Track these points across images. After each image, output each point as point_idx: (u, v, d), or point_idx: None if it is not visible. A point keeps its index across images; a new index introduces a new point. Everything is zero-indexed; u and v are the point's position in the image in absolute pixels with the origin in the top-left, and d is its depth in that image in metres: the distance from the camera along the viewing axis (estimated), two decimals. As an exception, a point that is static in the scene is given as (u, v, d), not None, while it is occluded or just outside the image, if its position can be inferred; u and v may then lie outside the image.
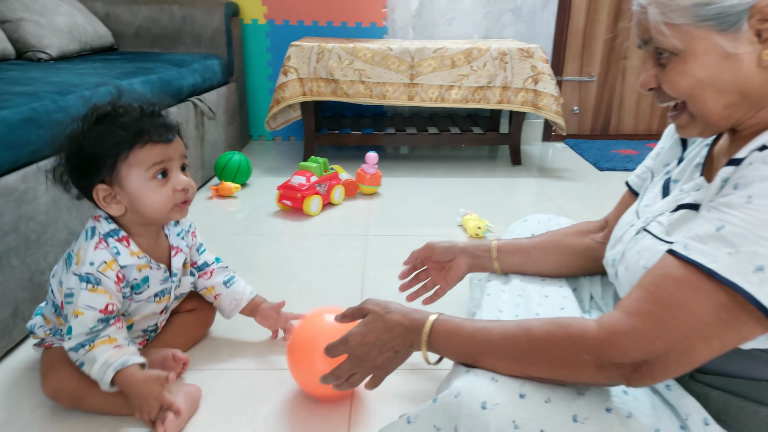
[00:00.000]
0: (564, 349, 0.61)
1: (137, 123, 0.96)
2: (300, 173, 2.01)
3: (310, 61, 2.38)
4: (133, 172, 0.96)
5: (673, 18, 0.61)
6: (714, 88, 0.62)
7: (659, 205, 0.76)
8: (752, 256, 0.53)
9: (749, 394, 0.62)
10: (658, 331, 0.56)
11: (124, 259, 0.99)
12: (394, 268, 1.59)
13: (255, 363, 1.17)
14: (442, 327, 0.72)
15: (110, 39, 2.48)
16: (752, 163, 0.57)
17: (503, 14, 2.93)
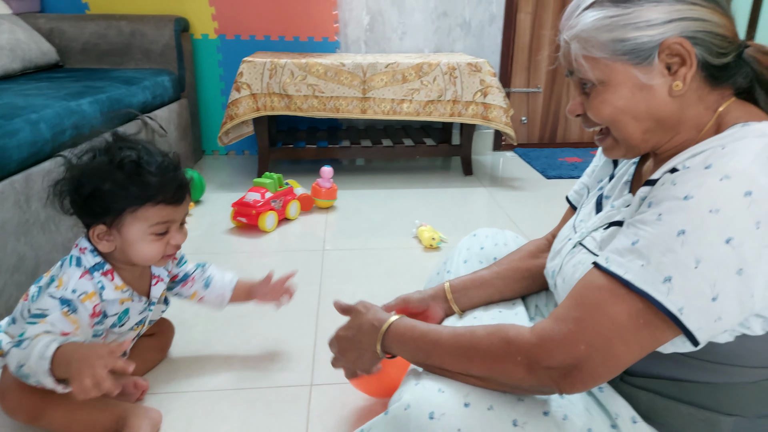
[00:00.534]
0: (500, 349, 0.66)
1: (158, 182, 0.96)
2: (254, 189, 2.02)
3: (262, 77, 2.39)
4: (136, 225, 0.97)
5: (593, 52, 0.67)
6: (632, 116, 0.68)
7: (593, 220, 0.81)
8: (660, 268, 0.58)
9: (673, 394, 0.68)
10: (580, 335, 0.61)
11: (108, 294, 1.00)
12: (351, 283, 1.63)
13: (212, 384, 1.18)
14: (400, 326, 0.78)
15: (55, 56, 2.43)
16: (663, 184, 0.62)
17: (453, 29, 3.01)
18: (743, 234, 0.56)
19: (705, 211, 0.57)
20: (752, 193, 0.56)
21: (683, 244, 0.57)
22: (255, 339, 1.34)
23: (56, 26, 2.51)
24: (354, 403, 1.12)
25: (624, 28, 0.65)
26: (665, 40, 0.63)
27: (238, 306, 1.47)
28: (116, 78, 2.13)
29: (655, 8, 0.63)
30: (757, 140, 0.60)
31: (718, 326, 0.59)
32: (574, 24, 0.69)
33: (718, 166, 0.58)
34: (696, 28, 0.63)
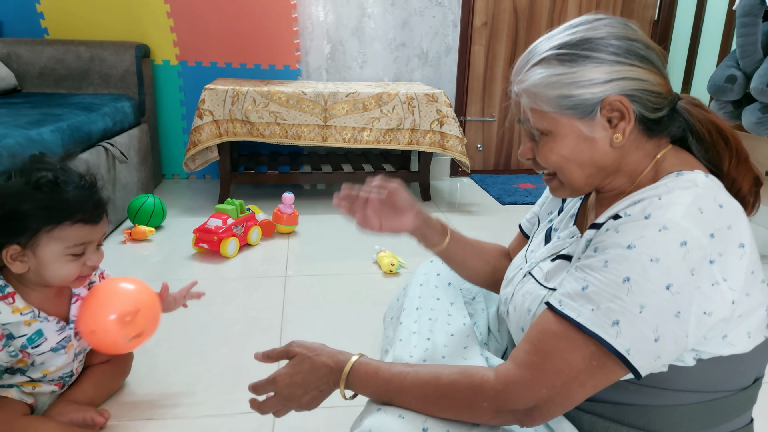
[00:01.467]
0: (466, 397, 0.69)
1: (76, 200, 0.96)
2: (216, 215, 2.04)
3: (225, 104, 2.43)
4: (52, 245, 0.97)
5: (541, 106, 0.73)
6: (576, 163, 0.75)
7: (541, 251, 0.88)
8: (608, 312, 0.64)
9: (612, 416, 0.74)
10: (542, 380, 0.66)
11: (5, 317, 0.98)
12: (313, 310, 1.66)
13: (175, 412, 1.19)
14: (362, 369, 0.77)
15: (13, 80, 2.40)
16: (608, 230, 0.69)
17: (411, 59, 3.12)
18: (680, 280, 0.63)
19: (647, 260, 0.63)
20: (687, 243, 0.63)
21: (629, 291, 0.64)
22: (217, 367, 1.35)
23: (13, 50, 2.49)
24: (317, 428, 1.15)
25: (569, 85, 0.71)
26: (606, 97, 0.70)
27: (200, 334, 1.49)
28: (75, 104, 2.12)
29: (597, 68, 0.70)
30: (688, 191, 0.67)
31: (658, 363, 0.66)
32: (523, 79, 0.75)
33: (656, 217, 0.65)
34: (634, 87, 0.71)
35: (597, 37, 0.71)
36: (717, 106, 2.16)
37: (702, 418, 0.72)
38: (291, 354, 0.83)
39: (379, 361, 0.80)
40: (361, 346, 1.34)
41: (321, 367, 0.80)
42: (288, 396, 0.81)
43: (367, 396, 0.78)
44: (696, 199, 0.66)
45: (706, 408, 0.71)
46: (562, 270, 0.79)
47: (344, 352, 0.82)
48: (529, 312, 0.80)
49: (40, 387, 1.09)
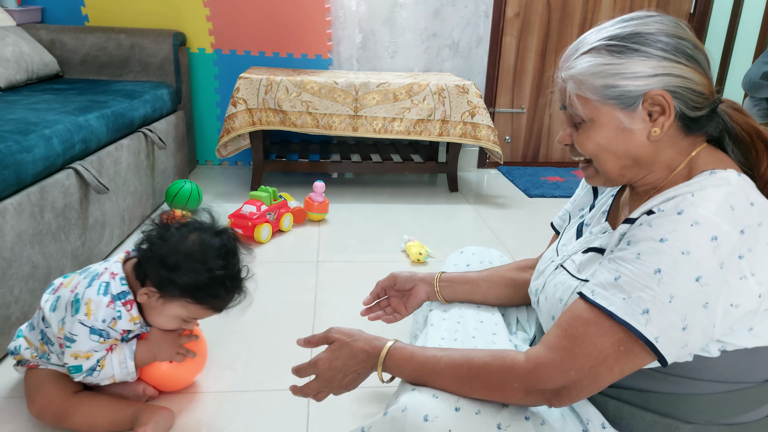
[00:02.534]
0: (498, 378, 0.73)
1: (225, 300, 1.08)
2: (250, 202, 2.10)
3: (258, 93, 2.48)
4: (178, 309, 1.07)
5: (586, 93, 0.76)
6: (612, 153, 0.77)
7: (573, 245, 0.91)
8: (639, 302, 0.68)
9: (638, 402, 0.77)
10: (571, 363, 0.70)
11: (122, 324, 1.08)
12: (345, 293, 1.72)
13: (217, 386, 1.26)
14: (397, 353, 0.82)
15: (56, 67, 2.49)
16: (641, 225, 0.72)
17: (442, 50, 3.14)
18: (710, 273, 0.66)
19: (678, 253, 0.66)
20: (717, 238, 0.66)
21: (659, 282, 0.67)
22: (256, 346, 1.42)
23: (57, 38, 2.58)
24: (349, 406, 1.21)
25: (615, 76, 0.74)
26: (649, 91, 0.73)
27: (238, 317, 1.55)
28: (118, 91, 2.20)
29: (644, 62, 0.73)
30: (721, 189, 0.69)
31: (684, 351, 0.69)
32: (571, 66, 0.78)
33: (688, 213, 0.68)
34: (677, 84, 0.73)
35: (647, 32, 0.73)
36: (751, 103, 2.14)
37: (724, 408, 0.74)
38: (330, 340, 0.89)
39: (414, 346, 0.84)
40: (391, 331, 1.39)
41: (359, 352, 0.85)
42: (329, 379, 0.87)
43: (403, 378, 0.83)
44: (728, 197, 0.68)
45: (728, 398, 0.74)
46: (594, 262, 0.82)
47: (380, 337, 0.87)
48: (561, 301, 0.83)
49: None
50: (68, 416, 1.06)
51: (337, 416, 1.18)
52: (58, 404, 1.07)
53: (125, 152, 1.99)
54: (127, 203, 2.00)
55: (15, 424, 1.11)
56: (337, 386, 0.88)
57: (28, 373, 1.13)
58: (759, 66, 2.03)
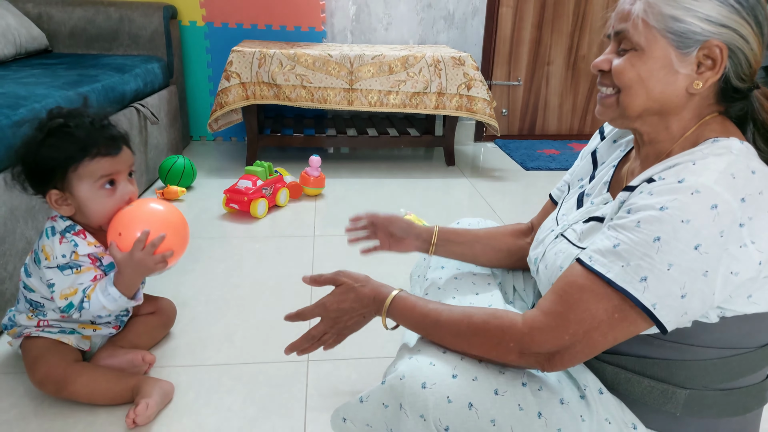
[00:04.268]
0: (495, 336, 0.75)
1: (87, 137, 1.04)
2: (246, 177, 2.08)
3: (251, 66, 2.45)
4: (83, 183, 1.05)
5: (650, 18, 0.73)
6: (647, 89, 0.75)
7: (574, 214, 0.90)
8: (637, 269, 0.67)
9: (635, 368, 0.77)
10: (565, 327, 0.70)
11: (83, 249, 1.08)
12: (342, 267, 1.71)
13: (216, 359, 1.26)
14: (401, 303, 0.85)
15: (44, 41, 2.44)
16: (642, 192, 0.71)
17: (437, 21, 3.09)
18: (709, 242, 0.65)
19: (677, 221, 0.66)
20: (717, 206, 0.65)
21: (658, 250, 0.66)
22: (253, 319, 1.42)
23: (44, 11, 2.52)
24: (349, 376, 1.22)
25: (686, 10, 0.71)
26: (711, 39, 0.71)
27: (236, 289, 1.56)
28: (108, 65, 2.16)
29: (718, 8, 0.70)
30: (722, 158, 0.68)
31: (684, 319, 0.69)
32: None
33: (689, 181, 0.67)
34: (739, 44, 0.71)
35: None
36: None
37: (721, 373, 0.75)
38: (338, 282, 0.92)
39: (418, 297, 0.86)
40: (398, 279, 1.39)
41: (364, 297, 0.89)
42: (335, 319, 0.91)
43: (405, 327, 0.85)
44: (729, 165, 0.67)
45: (725, 363, 0.75)
46: (596, 231, 0.81)
47: (386, 285, 0.89)
48: (561, 269, 0.83)
49: (100, 329, 1.18)
50: (69, 384, 1.07)
51: (336, 386, 1.19)
52: (60, 371, 1.08)
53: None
54: (120, 179, 1.98)
55: (14, 399, 1.11)
56: (342, 326, 0.92)
57: (26, 343, 1.14)
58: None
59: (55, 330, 1.14)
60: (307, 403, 1.14)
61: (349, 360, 1.27)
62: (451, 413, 0.73)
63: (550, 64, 3.26)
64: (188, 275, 1.61)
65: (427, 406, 0.74)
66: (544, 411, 0.74)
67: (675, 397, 0.75)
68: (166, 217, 1.11)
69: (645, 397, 0.77)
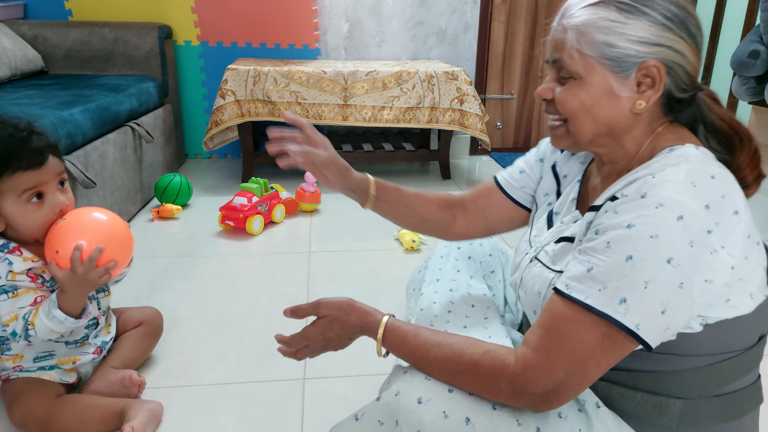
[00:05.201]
0: (486, 376, 0.72)
1: (5, 150, 0.97)
2: (241, 194, 2.09)
3: (246, 84, 2.46)
4: (6, 198, 0.99)
5: (584, 47, 0.74)
6: (592, 116, 0.76)
7: (545, 235, 0.90)
8: (616, 291, 0.66)
9: (626, 383, 0.77)
10: (559, 363, 0.68)
11: (18, 266, 1.02)
12: (338, 284, 1.71)
13: (210, 378, 1.25)
14: (390, 336, 0.83)
15: (40, 62, 2.46)
16: (607, 212, 0.71)
17: (429, 37, 3.12)
18: (681, 253, 0.65)
19: (647, 237, 0.66)
20: (684, 217, 0.65)
21: (632, 268, 0.66)
22: (248, 337, 1.41)
23: (40, 33, 2.54)
24: (344, 394, 1.21)
25: (618, 35, 0.72)
26: (647, 60, 0.71)
27: (230, 307, 1.55)
28: (102, 85, 2.17)
29: (650, 28, 0.71)
30: (680, 167, 0.69)
31: (667, 333, 0.69)
32: (576, 14, 0.75)
33: (651, 195, 0.67)
34: (675, 60, 0.72)
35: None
36: (739, 81, 2.14)
37: (712, 379, 0.75)
38: (320, 314, 0.88)
39: (408, 326, 0.83)
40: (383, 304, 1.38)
41: (351, 326, 0.86)
42: (323, 346, 0.89)
43: (396, 356, 0.83)
44: (688, 174, 0.68)
45: (715, 369, 0.74)
46: (568, 252, 0.81)
47: (372, 311, 0.86)
48: (539, 295, 0.82)
49: (79, 359, 1.14)
50: (54, 421, 1.03)
51: (332, 403, 1.18)
52: (42, 410, 1.04)
53: (112, 146, 1.97)
54: (114, 198, 1.98)
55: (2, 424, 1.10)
56: (330, 350, 0.90)
57: (3, 386, 1.09)
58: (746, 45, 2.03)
59: (34, 368, 1.10)
60: (303, 423, 1.12)
61: (345, 378, 1.26)
62: (448, 429, 0.72)
63: (543, 77, 3.28)
64: (183, 293, 1.60)
65: (422, 422, 0.73)
66: (542, 426, 0.73)
67: (669, 410, 0.75)
68: (104, 227, 1.05)
69: (639, 412, 0.76)
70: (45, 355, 1.11)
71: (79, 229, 1.02)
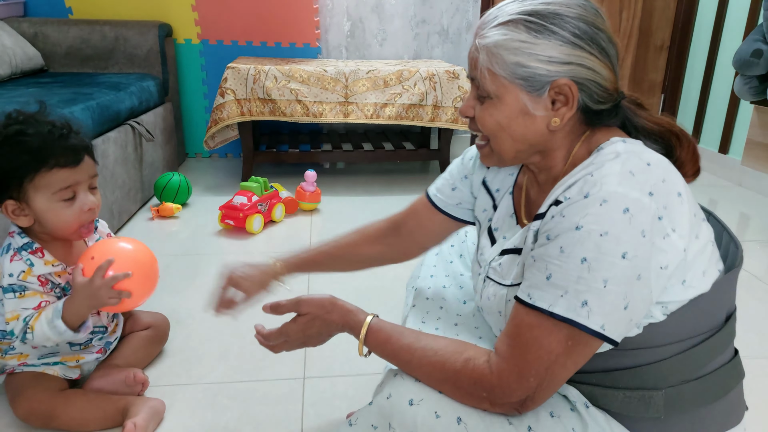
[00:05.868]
0: (467, 386, 0.72)
1: (44, 146, 0.98)
2: (241, 193, 2.08)
3: (246, 82, 2.45)
4: (39, 194, 1.00)
5: (495, 68, 0.74)
6: (509, 134, 0.76)
7: (489, 251, 0.90)
8: (577, 294, 0.67)
9: (606, 383, 0.76)
10: (527, 370, 0.69)
11: (39, 269, 1.03)
12: (337, 283, 1.70)
13: (211, 377, 1.25)
14: (373, 336, 0.82)
15: (40, 60, 2.45)
16: (554, 217, 0.70)
17: (431, 36, 3.11)
18: (634, 245, 0.65)
19: (597, 235, 0.65)
20: (629, 209, 0.65)
21: (589, 269, 0.66)
22: (248, 336, 1.41)
23: (40, 30, 2.54)
24: (345, 392, 1.20)
25: (528, 56, 0.72)
26: (558, 79, 0.72)
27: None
28: (103, 83, 2.17)
29: (559, 47, 0.71)
30: (615, 161, 0.69)
31: (631, 326, 0.69)
32: (487, 35, 0.75)
33: (593, 193, 0.67)
34: (586, 76, 0.72)
35: (568, 16, 0.72)
36: (742, 81, 2.14)
37: (689, 364, 0.74)
38: (301, 312, 0.88)
39: (392, 327, 0.82)
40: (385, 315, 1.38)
41: (332, 324, 0.86)
42: (302, 343, 0.90)
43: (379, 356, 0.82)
44: (624, 164, 0.68)
45: (690, 355, 0.74)
46: (513, 263, 0.81)
47: (354, 309, 0.86)
48: (500, 314, 0.82)
49: (83, 358, 1.15)
50: (56, 416, 1.04)
51: (332, 402, 1.17)
52: (45, 405, 1.04)
53: (112, 145, 1.97)
54: (115, 196, 1.97)
55: (5, 420, 1.09)
56: (309, 346, 0.91)
57: (8, 379, 1.10)
58: (749, 44, 2.03)
59: (39, 363, 1.10)
60: (304, 422, 1.12)
61: (346, 377, 1.26)
62: (440, 429, 0.72)
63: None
64: (183, 293, 1.60)
65: (415, 423, 0.73)
66: (534, 425, 0.73)
67: (654, 401, 0.74)
68: (141, 260, 1.07)
69: (625, 409, 0.75)
70: (49, 353, 1.12)
71: (120, 250, 1.05)
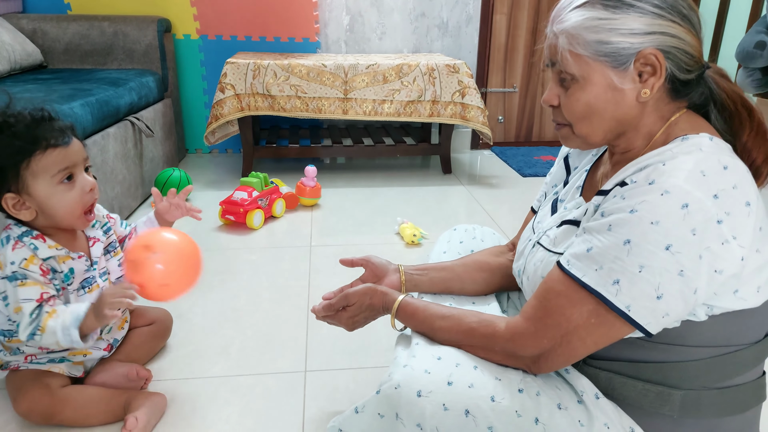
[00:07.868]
0: (482, 341, 0.80)
1: (33, 129, 0.97)
2: (242, 188, 2.08)
3: (246, 78, 2.45)
4: (39, 180, 0.98)
5: (578, 49, 0.74)
6: (599, 114, 0.75)
7: (548, 221, 0.90)
8: (610, 272, 0.68)
9: (628, 372, 0.77)
10: (543, 332, 0.73)
11: (44, 252, 1.01)
12: (338, 277, 1.70)
13: (213, 371, 1.25)
14: (403, 310, 0.92)
15: (39, 57, 2.45)
16: (615, 196, 0.71)
17: (431, 30, 3.10)
18: (681, 241, 0.65)
19: (647, 223, 0.66)
20: (688, 206, 0.65)
21: (629, 252, 0.67)
22: (249, 330, 1.41)
23: (39, 27, 2.53)
24: (346, 386, 1.20)
25: (609, 32, 0.72)
26: (643, 50, 0.71)
27: (232, 300, 1.54)
28: (102, 79, 2.16)
29: (640, 19, 0.71)
30: (691, 156, 0.68)
31: (667, 320, 0.69)
32: (565, 19, 0.75)
33: (659, 182, 0.67)
34: (671, 44, 0.72)
35: None
36: (745, 73, 2.13)
37: (715, 372, 0.74)
38: (351, 302, 0.98)
39: (419, 302, 0.91)
40: (388, 311, 1.38)
41: (374, 308, 0.97)
42: (351, 326, 1.01)
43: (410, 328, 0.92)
44: (698, 163, 0.68)
45: (719, 362, 0.74)
46: (570, 234, 0.81)
47: (388, 291, 0.96)
48: (542, 278, 0.82)
49: (91, 353, 1.14)
50: (58, 412, 1.04)
51: (333, 395, 1.17)
52: (46, 402, 1.04)
53: (112, 141, 1.96)
54: (115, 192, 1.97)
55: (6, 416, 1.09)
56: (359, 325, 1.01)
57: (9, 376, 1.09)
58: (752, 35, 2.01)
59: (44, 360, 1.09)
60: (305, 415, 1.12)
61: (347, 370, 1.26)
62: (448, 421, 0.73)
63: (546, 70, 3.26)
64: (184, 288, 1.59)
65: (423, 415, 0.73)
66: (541, 416, 0.73)
67: (671, 399, 0.74)
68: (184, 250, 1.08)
69: (641, 401, 0.76)
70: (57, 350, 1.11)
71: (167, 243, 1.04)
